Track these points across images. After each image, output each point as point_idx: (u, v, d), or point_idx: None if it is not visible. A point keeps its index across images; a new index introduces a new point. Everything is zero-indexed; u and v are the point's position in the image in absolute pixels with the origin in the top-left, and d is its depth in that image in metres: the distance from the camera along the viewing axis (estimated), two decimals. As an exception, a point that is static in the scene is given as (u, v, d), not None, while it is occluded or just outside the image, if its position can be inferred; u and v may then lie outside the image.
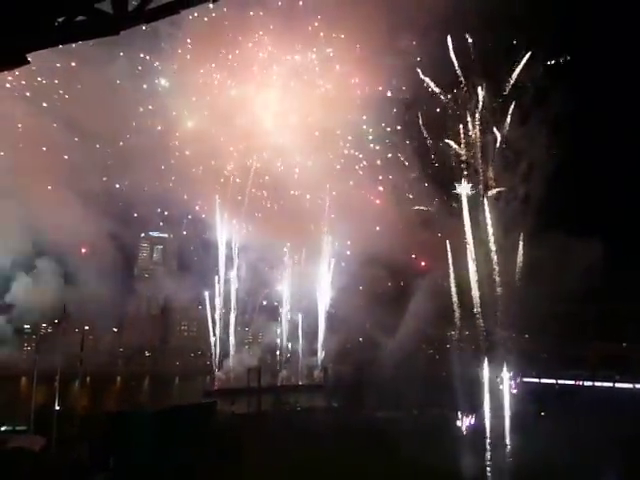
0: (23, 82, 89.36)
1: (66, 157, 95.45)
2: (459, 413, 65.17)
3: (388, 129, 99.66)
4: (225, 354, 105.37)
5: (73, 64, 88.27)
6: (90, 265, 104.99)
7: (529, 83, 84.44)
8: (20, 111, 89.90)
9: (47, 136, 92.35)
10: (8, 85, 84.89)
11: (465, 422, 64.23)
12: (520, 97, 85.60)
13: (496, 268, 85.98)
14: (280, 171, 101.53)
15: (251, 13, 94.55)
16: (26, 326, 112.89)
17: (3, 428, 53.90)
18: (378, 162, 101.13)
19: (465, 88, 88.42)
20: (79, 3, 11.70)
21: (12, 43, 11.78)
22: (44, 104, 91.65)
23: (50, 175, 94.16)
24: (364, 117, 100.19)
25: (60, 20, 11.86)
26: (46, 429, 49.34)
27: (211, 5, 11.61)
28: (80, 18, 11.92)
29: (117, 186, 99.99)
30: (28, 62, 12.02)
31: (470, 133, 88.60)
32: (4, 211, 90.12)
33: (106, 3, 11.64)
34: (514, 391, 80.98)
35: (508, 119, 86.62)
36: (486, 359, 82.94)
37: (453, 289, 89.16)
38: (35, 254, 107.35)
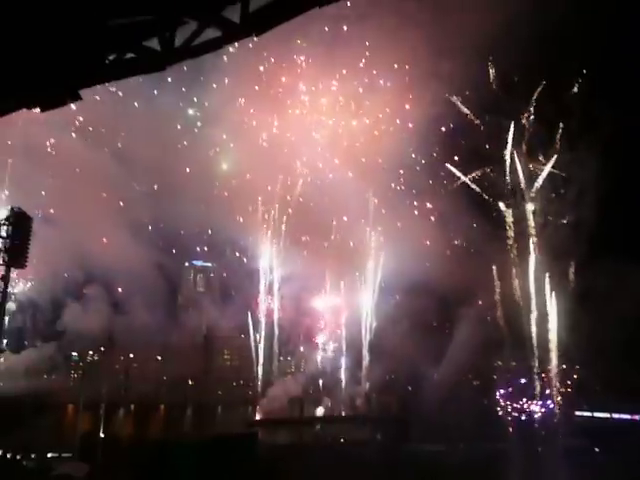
0: (80, 118, 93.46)
1: (115, 187, 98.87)
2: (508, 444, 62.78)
3: (434, 154, 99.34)
4: (268, 383, 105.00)
5: (120, 93, 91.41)
6: (136, 294, 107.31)
7: (576, 107, 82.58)
8: (71, 144, 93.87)
9: (96, 168, 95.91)
10: (57, 118, 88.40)
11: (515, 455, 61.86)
12: (567, 122, 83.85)
13: (546, 296, 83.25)
14: (324, 200, 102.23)
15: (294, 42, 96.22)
16: (73, 353, 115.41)
17: (49, 455, 54.78)
18: (422, 190, 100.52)
19: (510, 114, 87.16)
20: (128, 41, 12.09)
21: (66, 81, 12.25)
22: (89, 137, 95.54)
23: (100, 205, 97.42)
24: (409, 146, 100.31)
25: (110, 58, 12.28)
26: (91, 456, 49.84)
27: (255, 38, 11.79)
28: (129, 55, 12.32)
29: (163, 216, 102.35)
30: (80, 98, 12.45)
31: (515, 159, 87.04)
32: (56, 239, 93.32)
33: (153, 40, 12.01)
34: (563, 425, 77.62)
35: (557, 144, 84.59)
36: (536, 391, 79.94)
37: (500, 318, 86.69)
38: (84, 282, 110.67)
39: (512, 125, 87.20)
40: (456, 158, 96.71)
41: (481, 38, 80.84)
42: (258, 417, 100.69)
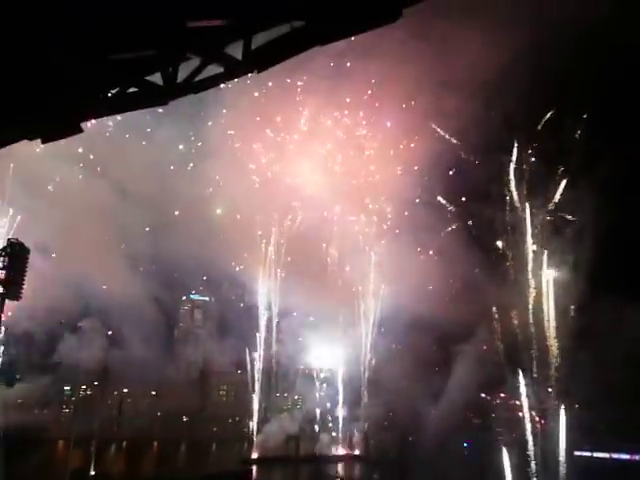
0: (80, 150, 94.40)
1: (111, 220, 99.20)
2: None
3: (433, 193, 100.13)
4: (264, 420, 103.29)
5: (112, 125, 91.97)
6: (131, 327, 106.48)
7: (575, 146, 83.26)
8: (66, 174, 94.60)
9: (92, 200, 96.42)
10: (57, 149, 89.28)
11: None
12: (567, 161, 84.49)
13: (547, 334, 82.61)
14: (321, 234, 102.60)
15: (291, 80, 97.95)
16: (66, 388, 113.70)
17: (39, 492, 53.50)
18: (422, 229, 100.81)
19: (511, 152, 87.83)
20: (131, 76, 12.24)
21: (67, 113, 12.37)
22: (85, 168, 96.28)
23: (96, 237, 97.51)
24: (407, 180, 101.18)
25: (113, 91, 12.43)
26: (81, 495, 48.69)
27: (257, 73, 11.97)
28: (131, 89, 12.47)
29: (161, 249, 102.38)
30: (82, 131, 12.54)
31: (515, 197, 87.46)
32: (52, 271, 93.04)
33: (156, 75, 12.18)
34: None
35: (561, 186, 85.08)
36: (538, 431, 78.59)
37: (501, 356, 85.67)
38: (80, 315, 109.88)
39: (512, 164, 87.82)
40: (463, 199, 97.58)
41: (483, 75, 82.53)
42: (253, 455, 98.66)
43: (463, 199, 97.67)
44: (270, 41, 11.58)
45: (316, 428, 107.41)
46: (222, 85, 12.98)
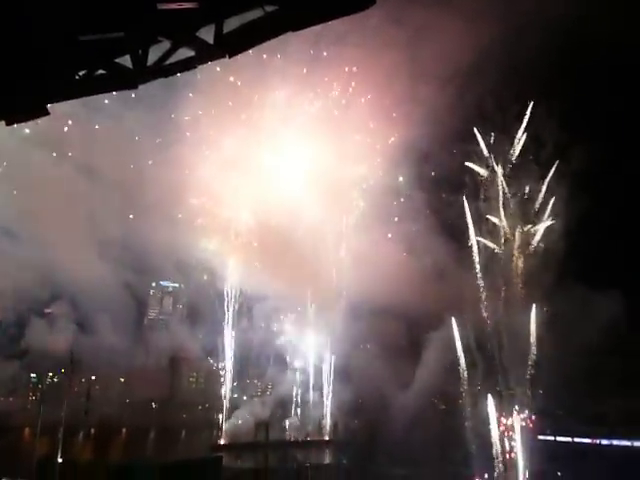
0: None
1: (81, 204, 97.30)
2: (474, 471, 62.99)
3: (400, 179, 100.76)
4: (234, 407, 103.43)
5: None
6: (99, 313, 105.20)
7: (547, 136, 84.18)
8: (37, 158, 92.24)
9: (62, 183, 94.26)
10: (28, 130, 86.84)
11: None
12: (539, 151, 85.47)
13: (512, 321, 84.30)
14: (292, 221, 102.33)
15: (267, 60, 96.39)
16: (32, 375, 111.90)
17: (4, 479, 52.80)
18: (391, 213, 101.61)
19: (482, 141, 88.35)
20: (99, 58, 12.01)
21: (34, 95, 12.09)
22: (55, 153, 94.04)
23: (65, 222, 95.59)
24: (379, 168, 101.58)
25: (81, 74, 12.18)
26: (47, 481, 48.23)
27: (228, 58, 11.87)
28: (100, 72, 12.24)
29: (130, 235, 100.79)
30: (48, 113, 12.29)
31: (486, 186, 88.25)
32: (21, 256, 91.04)
33: (125, 58, 11.97)
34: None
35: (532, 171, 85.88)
36: (500, 415, 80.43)
37: (458, 344, 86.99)
38: (47, 300, 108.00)
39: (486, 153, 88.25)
40: (426, 183, 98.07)
41: (460, 64, 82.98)
42: (223, 441, 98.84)
43: (435, 187, 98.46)
44: (242, 25, 11.46)
45: (286, 414, 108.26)
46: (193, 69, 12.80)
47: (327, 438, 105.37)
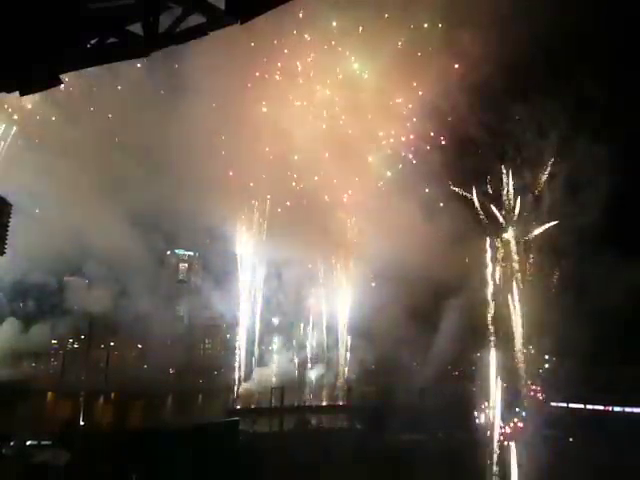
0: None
1: (96, 170, 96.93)
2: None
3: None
4: (249, 372, 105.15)
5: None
6: (116, 281, 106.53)
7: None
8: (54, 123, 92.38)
9: (75, 149, 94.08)
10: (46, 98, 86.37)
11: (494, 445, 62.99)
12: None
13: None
14: (307, 185, 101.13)
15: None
16: (53, 341, 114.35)
17: (29, 442, 54.41)
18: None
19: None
20: (111, 25, 11.93)
21: (47, 65, 12.08)
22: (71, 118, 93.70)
23: (81, 187, 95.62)
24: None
25: (92, 42, 12.12)
26: (71, 444, 49.65)
27: (240, 24, 11.70)
28: (111, 40, 12.16)
29: (145, 201, 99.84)
30: (61, 82, 12.29)
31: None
32: (37, 223, 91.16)
33: (137, 25, 11.86)
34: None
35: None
36: (513, 384, 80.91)
37: (469, 310, 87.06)
38: (64, 269, 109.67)
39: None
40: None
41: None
42: (239, 406, 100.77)
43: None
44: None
45: (302, 379, 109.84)
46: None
47: (341, 403, 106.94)
